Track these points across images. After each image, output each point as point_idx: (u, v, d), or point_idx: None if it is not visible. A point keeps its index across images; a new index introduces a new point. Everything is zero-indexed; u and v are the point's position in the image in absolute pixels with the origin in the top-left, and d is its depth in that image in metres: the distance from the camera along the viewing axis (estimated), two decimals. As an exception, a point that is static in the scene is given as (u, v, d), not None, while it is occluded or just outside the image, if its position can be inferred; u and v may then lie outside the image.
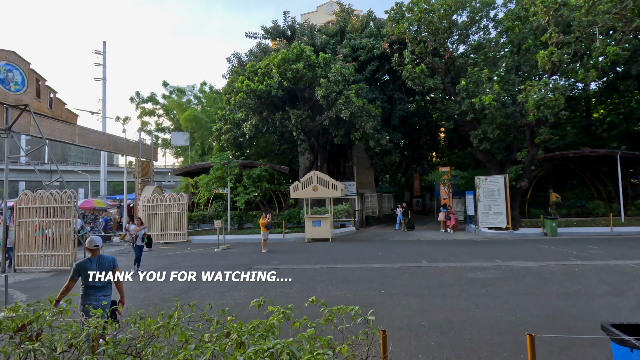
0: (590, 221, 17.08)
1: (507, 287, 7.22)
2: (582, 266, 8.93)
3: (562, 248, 11.90)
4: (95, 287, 4.53)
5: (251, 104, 17.87)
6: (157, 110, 25.99)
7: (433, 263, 9.92)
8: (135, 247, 10.69)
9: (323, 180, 16.34)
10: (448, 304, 6.20)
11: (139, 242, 10.73)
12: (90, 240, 4.64)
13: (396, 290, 7.26)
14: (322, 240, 16.19)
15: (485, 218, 17.02)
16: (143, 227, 11.07)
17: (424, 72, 16.96)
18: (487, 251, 11.80)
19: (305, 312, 2.69)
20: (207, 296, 7.31)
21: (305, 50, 17.09)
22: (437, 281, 7.85)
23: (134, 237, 10.74)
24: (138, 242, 10.71)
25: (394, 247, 13.62)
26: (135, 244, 10.69)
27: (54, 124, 13.39)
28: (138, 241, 10.71)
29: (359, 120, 17.22)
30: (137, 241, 10.69)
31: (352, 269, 9.54)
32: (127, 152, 18.30)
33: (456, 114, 17.74)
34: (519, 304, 6.08)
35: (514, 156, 17.58)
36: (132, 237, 10.81)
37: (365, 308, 5.94)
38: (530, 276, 8.04)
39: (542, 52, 14.78)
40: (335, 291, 7.35)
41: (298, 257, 12.00)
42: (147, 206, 18.32)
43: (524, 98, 15.08)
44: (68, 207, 11.17)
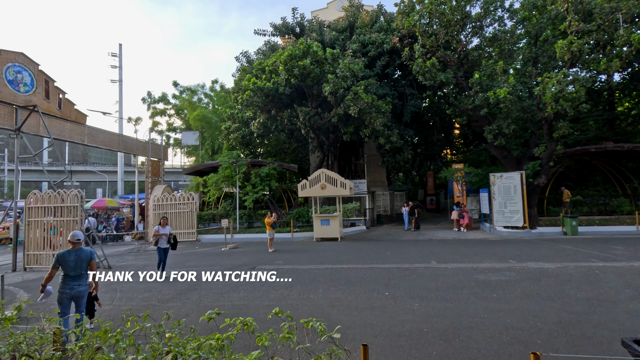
0: (615, 219, 16.17)
1: (521, 290, 6.74)
2: (604, 268, 8.33)
3: (583, 248, 11.24)
4: (70, 276, 4.96)
5: (258, 102, 17.69)
6: (169, 110, 26.19)
7: (443, 264, 9.48)
8: (159, 249, 9.41)
9: (331, 178, 16.02)
10: (455, 309, 5.80)
11: (162, 244, 9.38)
12: (73, 234, 5.11)
13: (401, 292, 6.89)
14: (331, 239, 15.88)
15: (500, 217, 16.35)
16: (167, 227, 9.75)
17: (435, 66, 16.40)
18: (501, 251, 11.25)
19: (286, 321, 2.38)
20: (205, 297, 7.12)
21: (312, 46, 16.78)
22: (445, 283, 7.43)
23: (156, 239, 9.43)
24: (162, 243, 9.38)
25: (404, 246, 13.19)
26: (159, 246, 9.38)
27: (63, 125, 13.51)
28: (162, 243, 9.38)
29: (368, 117, 16.81)
30: (160, 243, 9.37)
31: (358, 269, 9.20)
32: (137, 151, 18.42)
33: (469, 108, 17.10)
34: (533, 310, 5.62)
35: (531, 152, 16.83)
36: (154, 239, 9.45)
37: (365, 312, 5.63)
38: (547, 279, 7.52)
39: (560, 41, 14.04)
40: (336, 293, 7.03)
41: (304, 257, 11.73)
42: (157, 205, 18.41)
43: (541, 90, 14.36)
44: (75, 206, 11.22)
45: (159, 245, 9.39)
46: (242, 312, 6.08)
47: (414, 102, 20.42)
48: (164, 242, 9.44)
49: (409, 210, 18.80)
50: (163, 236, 9.43)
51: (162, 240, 9.43)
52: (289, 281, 8.16)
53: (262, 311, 6.07)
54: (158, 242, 9.41)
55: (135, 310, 6.42)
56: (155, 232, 9.43)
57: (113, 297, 7.41)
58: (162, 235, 9.41)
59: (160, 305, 6.67)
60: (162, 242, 9.43)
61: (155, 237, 9.42)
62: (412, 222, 18.70)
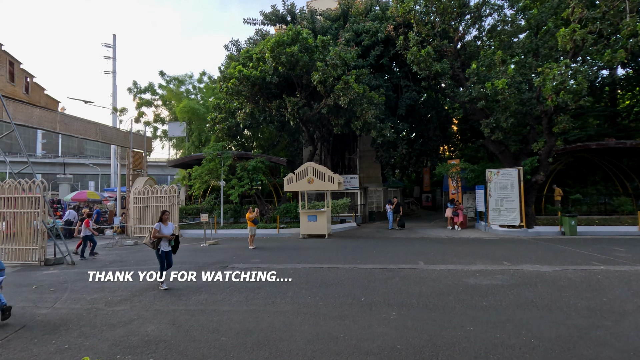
0: (615, 219, 15.43)
1: (514, 297, 5.98)
2: (606, 272, 7.57)
3: (583, 249, 10.49)
4: None
5: (244, 91, 16.82)
6: (156, 101, 25.28)
7: (431, 265, 8.71)
8: (161, 253, 7.17)
9: (319, 172, 15.21)
10: (437, 319, 5.03)
11: (165, 247, 7.21)
12: None
13: (379, 298, 6.11)
14: (318, 236, 15.10)
15: (496, 215, 15.60)
16: (170, 225, 7.46)
17: (430, 55, 15.55)
18: (495, 252, 10.49)
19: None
20: (160, 300, 6.33)
21: (301, 32, 15.91)
22: (430, 288, 6.66)
23: (156, 241, 7.16)
24: (164, 246, 7.20)
25: (393, 245, 12.42)
26: (160, 248, 7.17)
27: (32, 110, 12.64)
28: (164, 245, 7.20)
29: (359, 108, 15.97)
30: (162, 245, 7.18)
31: (337, 270, 8.42)
32: (117, 141, 17.54)
33: (466, 101, 16.28)
34: (527, 322, 4.86)
35: (529, 148, 16.05)
36: (152, 241, 7.15)
37: (334, 321, 4.81)
38: (543, 284, 6.76)
39: (562, 29, 13.21)
40: (306, 297, 6.25)
41: (284, 254, 10.95)
42: (138, 198, 17.57)
43: (541, 82, 13.56)
44: (36, 197, 10.39)
45: (161, 248, 7.17)
46: (192, 320, 5.31)
47: (409, 95, 19.59)
48: (167, 244, 7.25)
49: (393, 207, 17.57)
50: (165, 237, 7.19)
51: (165, 242, 7.22)
52: (258, 282, 7.38)
53: (216, 318, 5.29)
54: (159, 244, 7.18)
55: (74, 314, 5.64)
56: (154, 231, 7.14)
57: (57, 299, 6.61)
58: (164, 237, 7.18)
59: (105, 309, 5.88)
60: (165, 245, 7.23)
61: (155, 239, 7.15)
62: (396, 220, 17.48)
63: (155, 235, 7.13)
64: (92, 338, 4.68)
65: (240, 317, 5.32)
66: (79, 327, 5.10)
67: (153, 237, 7.13)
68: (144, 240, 7.33)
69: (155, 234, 7.14)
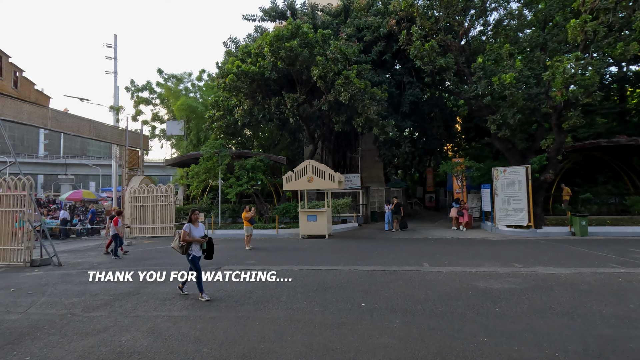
0: (628, 220, 14.78)
1: (530, 303, 5.43)
2: (628, 276, 7.00)
3: (597, 251, 9.90)
4: None
5: (243, 87, 16.32)
6: (154, 100, 24.85)
7: (436, 267, 8.16)
8: (193, 258, 6.10)
9: (319, 170, 14.69)
10: (446, 328, 4.49)
11: (196, 251, 6.14)
12: None
13: (381, 303, 5.58)
14: (318, 237, 14.57)
15: (503, 214, 15.01)
16: (201, 226, 6.35)
17: (434, 49, 15.01)
18: (504, 253, 9.92)
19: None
20: (142, 305, 5.82)
21: (301, 27, 15.41)
22: (437, 292, 6.12)
23: (183, 245, 6.06)
24: (195, 251, 6.13)
25: (396, 246, 11.87)
26: (192, 253, 6.08)
27: (21, 106, 12.20)
28: (195, 250, 6.12)
29: (360, 104, 15.44)
30: (193, 250, 6.11)
31: (337, 272, 7.89)
32: (113, 139, 17.09)
33: (471, 97, 15.72)
34: (548, 332, 4.31)
35: (538, 145, 15.46)
36: (181, 246, 6.09)
37: (330, 330, 4.24)
38: (561, 288, 6.20)
39: (573, 20, 12.64)
40: (302, 302, 5.73)
41: (281, 256, 10.44)
42: (134, 197, 17.14)
43: (550, 76, 12.98)
44: (22, 195, 9.93)
45: (192, 253, 6.08)
46: (173, 328, 4.79)
47: (412, 91, 19.03)
48: (198, 248, 6.18)
49: (393, 207, 16.55)
50: (196, 241, 6.12)
51: (196, 246, 6.15)
52: (250, 284, 6.87)
53: (200, 326, 4.77)
54: (190, 249, 6.09)
55: (46, 321, 5.15)
56: (183, 234, 6.03)
57: (33, 303, 6.12)
58: (195, 241, 6.11)
59: (80, 315, 5.38)
60: (196, 249, 6.15)
61: (185, 243, 6.05)
62: (395, 221, 16.33)
63: (184, 239, 6.03)
64: (58, 349, 4.18)
65: (227, 325, 4.80)
66: (47, 335, 4.61)
67: (182, 240, 6.05)
68: (171, 244, 6.32)
69: (184, 237, 6.02)
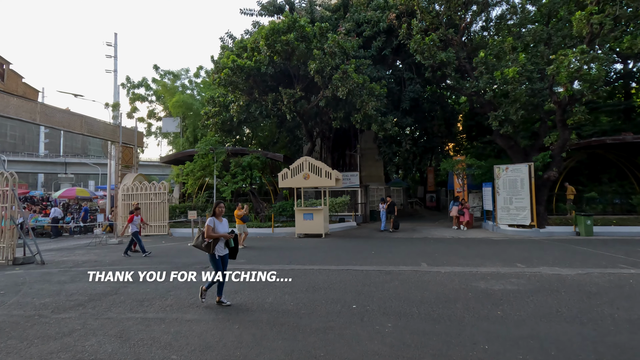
0: (634, 219, 14.30)
1: (535, 306, 5.01)
2: (638, 277, 6.57)
3: (604, 251, 9.47)
4: None
5: (238, 82, 15.92)
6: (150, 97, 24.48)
7: (435, 267, 7.75)
8: (216, 259, 5.28)
9: (316, 167, 14.27)
10: (443, 333, 4.08)
11: (220, 250, 5.31)
12: None
13: (374, 305, 5.17)
14: (315, 236, 14.16)
15: (505, 213, 14.57)
16: (224, 221, 5.50)
17: (435, 43, 14.58)
18: (506, 253, 9.50)
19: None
20: (117, 306, 5.42)
21: (298, 20, 15.02)
22: (434, 293, 5.70)
23: (209, 242, 5.24)
24: (219, 250, 5.29)
25: (393, 245, 11.46)
26: (216, 253, 5.27)
27: (8, 99, 11.84)
28: (219, 249, 5.29)
29: (359, 100, 15.02)
30: (217, 249, 5.27)
31: (329, 272, 7.48)
32: (105, 135, 16.73)
33: (473, 92, 15.29)
34: (556, 338, 3.89)
35: (541, 142, 15.00)
36: (205, 243, 5.25)
37: (316, 335, 3.58)
38: (567, 290, 5.78)
39: (579, 12, 12.21)
40: (288, 304, 5.32)
41: (274, 255, 10.04)
42: (127, 195, 16.78)
43: (554, 70, 12.53)
44: (4, 191, 9.56)
45: (216, 253, 5.27)
46: (145, 331, 4.39)
47: (412, 87, 18.61)
48: (223, 246, 5.36)
49: (387, 207, 15.82)
50: (222, 238, 5.32)
51: (221, 244, 5.33)
52: (237, 284, 6.47)
53: (174, 330, 4.37)
54: (215, 248, 5.27)
55: (10, 323, 4.75)
56: (208, 229, 5.22)
57: (2, 302, 5.74)
58: (221, 237, 5.31)
59: (49, 317, 4.98)
60: (220, 248, 5.32)
61: (211, 239, 5.25)
62: (390, 220, 15.63)
63: (210, 235, 5.21)
64: (14, 354, 3.78)
65: (204, 328, 4.40)
66: (6, 339, 4.21)
67: (207, 237, 5.22)
68: (192, 242, 5.50)
69: (209, 232, 5.21)
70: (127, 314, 5.02)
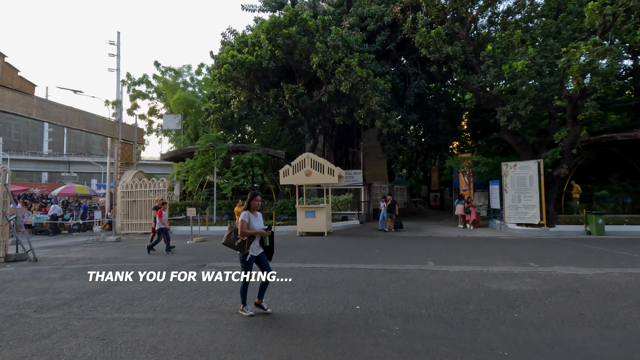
0: (647, 218, 13.86)
1: (554, 307, 4.62)
2: (662, 277, 6.15)
3: (619, 250, 9.04)
4: None
5: (239, 78, 15.57)
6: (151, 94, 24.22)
7: (443, 266, 7.36)
8: (250, 259, 4.56)
9: (318, 163, 13.89)
10: (456, 338, 3.70)
11: (255, 250, 4.55)
12: None
13: (379, 306, 4.80)
14: (317, 234, 13.80)
15: (513, 212, 14.14)
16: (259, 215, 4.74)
17: (441, 36, 14.17)
18: (517, 252, 9.09)
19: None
20: (104, 306, 5.08)
21: (300, 13, 14.66)
22: (443, 294, 5.32)
23: (243, 241, 4.46)
24: (254, 250, 4.54)
25: (398, 244, 11.07)
26: (250, 253, 4.52)
27: (3, 93, 11.56)
28: (254, 248, 4.54)
29: (362, 95, 14.63)
30: (251, 248, 4.52)
31: (332, 270, 7.11)
32: (104, 131, 16.44)
33: (480, 87, 14.87)
34: (582, 344, 3.50)
35: (550, 139, 14.55)
36: (239, 241, 4.48)
37: (315, 339, 3.40)
38: (587, 290, 5.38)
39: (591, 3, 11.76)
40: (287, 304, 4.96)
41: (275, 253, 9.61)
42: (126, 192, 16.49)
43: (565, 63, 12.09)
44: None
45: (250, 253, 4.53)
46: (130, 333, 4.05)
47: (417, 83, 18.20)
48: (258, 245, 4.61)
49: (387, 206, 15.05)
50: (257, 235, 4.56)
51: (256, 242, 4.58)
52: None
53: (162, 332, 4.02)
54: (249, 247, 4.51)
55: None
56: (242, 225, 4.44)
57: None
58: (256, 234, 4.55)
59: (31, 316, 4.65)
60: (255, 247, 4.57)
61: (245, 237, 4.46)
62: (390, 220, 14.84)
63: (244, 232, 4.42)
64: (-16, 358, 3.45)
65: (194, 330, 4.05)
66: (-20, 340, 3.88)
67: (242, 234, 4.43)
68: (222, 240, 4.65)
69: (244, 229, 4.42)
70: (113, 314, 4.67)
